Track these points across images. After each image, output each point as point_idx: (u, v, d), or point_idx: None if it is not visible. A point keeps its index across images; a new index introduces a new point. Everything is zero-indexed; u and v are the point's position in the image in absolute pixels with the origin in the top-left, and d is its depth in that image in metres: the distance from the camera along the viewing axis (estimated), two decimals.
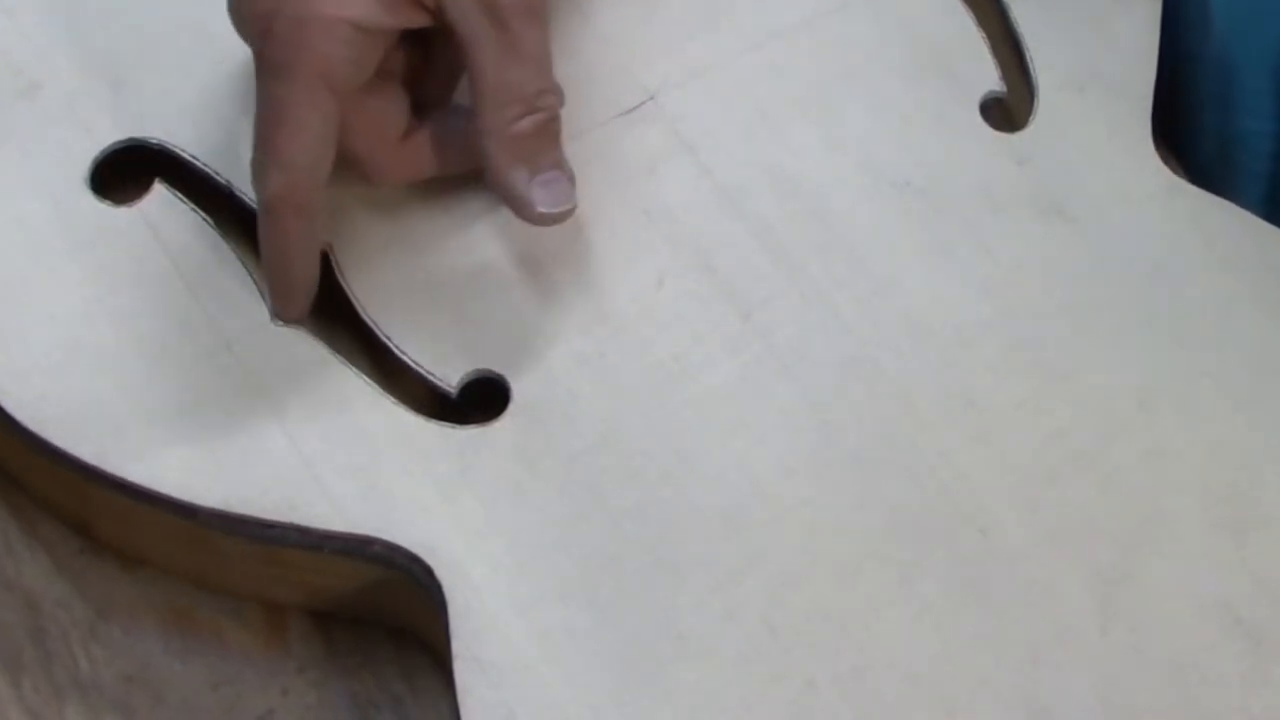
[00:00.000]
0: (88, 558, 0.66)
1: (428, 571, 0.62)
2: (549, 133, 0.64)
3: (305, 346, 0.65)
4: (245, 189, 0.67)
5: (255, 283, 0.66)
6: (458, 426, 0.64)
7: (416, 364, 0.65)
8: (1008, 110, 0.71)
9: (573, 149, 0.66)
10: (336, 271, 0.66)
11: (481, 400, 0.65)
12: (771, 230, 0.67)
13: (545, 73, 0.64)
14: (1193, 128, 0.77)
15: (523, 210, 0.64)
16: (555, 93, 0.64)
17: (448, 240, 0.67)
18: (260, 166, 0.63)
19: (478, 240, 0.67)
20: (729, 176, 0.68)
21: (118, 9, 0.70)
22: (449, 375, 0.65)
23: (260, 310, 0.65)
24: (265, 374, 0.64)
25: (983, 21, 0.71)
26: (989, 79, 0.70)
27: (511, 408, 0.64)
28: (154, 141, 0.68)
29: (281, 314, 0.65)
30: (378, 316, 0.66)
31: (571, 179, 0.65)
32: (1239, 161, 0.77)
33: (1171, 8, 0.72)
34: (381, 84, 0.64)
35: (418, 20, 0.63)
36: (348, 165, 0.64)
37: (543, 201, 0.64)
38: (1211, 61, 0.76)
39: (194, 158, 0.68)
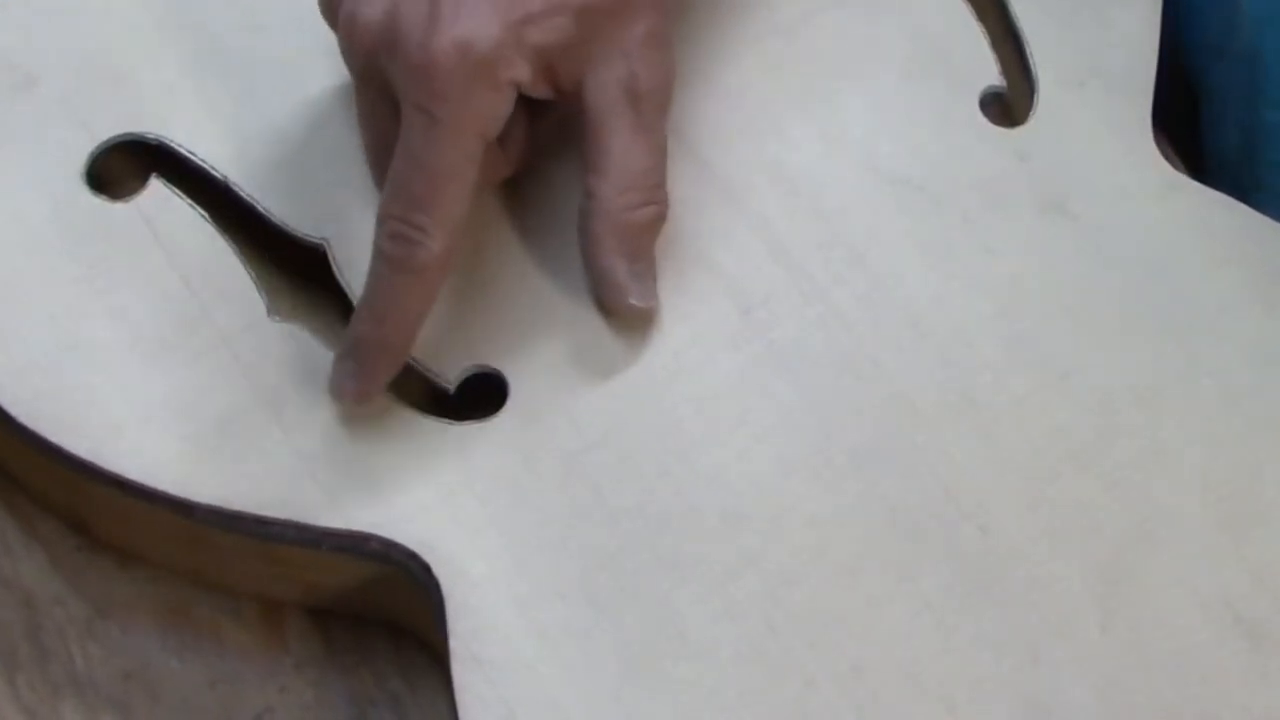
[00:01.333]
0: (85, 555, 0.66)
1: (425, 569, 0.61)
2: (655, 229, 0.65)
3: (302, 342, 0.65)
4: (242, 185, 0.67)
5: (253, 279, 0.66)
6: (456, 423, 0.64)
7: (414, 360, 0.65)
8: (1007, 106, 0.70)
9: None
10: (334, 268, 0.66)
11: (480, 396, 0.65)
12: (771, 227, 0.67)
13: (663, 168, 0.65)
14: (1217, 121, 0.76)
15: (616, 296, 0.64)
16: (665, 191, 0.65)
17: None
18: (414, 226, 0.62)
19: (475, 235, 0.66)
20: (729, 173, 0.68)
21: (114, 4, 0.69)
22: (447, 371, 0.65)
23: (257, 306, 0.65)
24: (262, 371, 0.64)
25: (982, 16, 0.71)
26: (989, 74, 0.70)
27: (510, 404, 0.64)
28: (151, 137, 0.68)
29: (369, 392, 0.63)
30: None
31: (655, 278, 0.65)
32: (1261, 153, 0.76)
33: (1191, 2, 0.72)
34: None
35: (542, 93, 0.64)
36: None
37: (636, 294, 0.64)
38: (1239, 55, 0.76)
39: (191, 153, 0.67)
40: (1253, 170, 0.74)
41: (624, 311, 0.65)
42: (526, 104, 0.64)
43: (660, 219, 0.65)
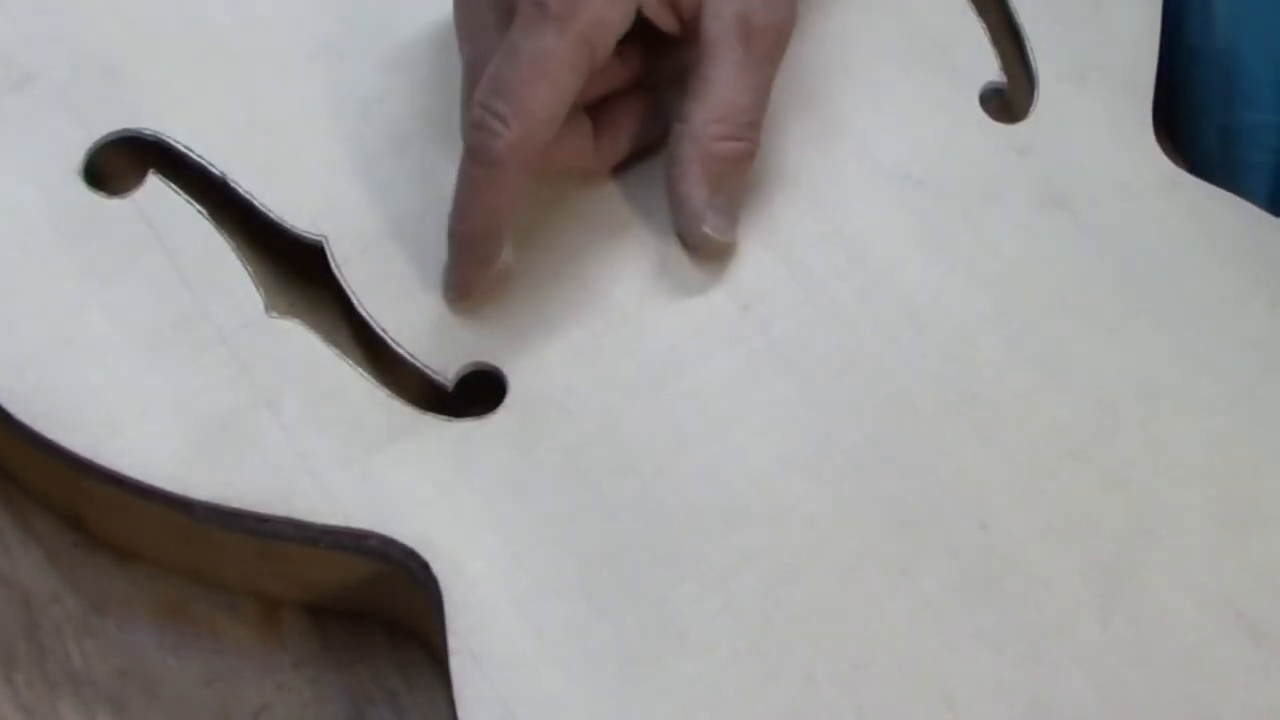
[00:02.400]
0: (81, 552, 0.66)
1: (424, 566, 0.61)
2: (741, 167, 0.65)
3: (300, 339, 0.65)
4: (240, 181, 0.67)
5: (250, 276, 0.66)
6: (454, 420, 0.64)
7: (412, 357, 0.65)
8: (1008, 101, 0.70)
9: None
10: (332, 263, 0.66)
11: (478, 393, 0.64)
12: (770, 222, 0.67)
13: (762, 111, 0.65)
14: (1194, 122, 0.76)
15: (691, 223, 0.65)
16: (759, 133, 0.65)
17: (444, 232, 0.66)
18: (494, 114, 0.62)
19: None
20: None
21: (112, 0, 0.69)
22: (445, 368, 0.65)
23: (256, 303, 0.65)
24: (260, 367, 0.64)
25: (982, 11, 0.71)
26: (989, 69, 0.70)
27: (508, 401, 0.64)
28: (149, 133, 0.68)
29: (465, 285, 0.64)
30: (373, 309, 0.65)
31: (737, 216, 0.65)
32: (1240, 155, 0.76)
33: (1173, 2, 0.72)
34: None
35: (666, 22, 0.65)
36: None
37: (712, 224, 0.65)
38: (1215, 55, 0.76)
39: (189, 149, 0.67)
40: (1230, 175, 0.74)
41: (698, 240, 0.65)
42: (630, 109, 0.65)
43: (748, 157, 0.65)
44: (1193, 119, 0.76)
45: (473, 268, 0.64)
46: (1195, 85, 0.76)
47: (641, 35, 0.65)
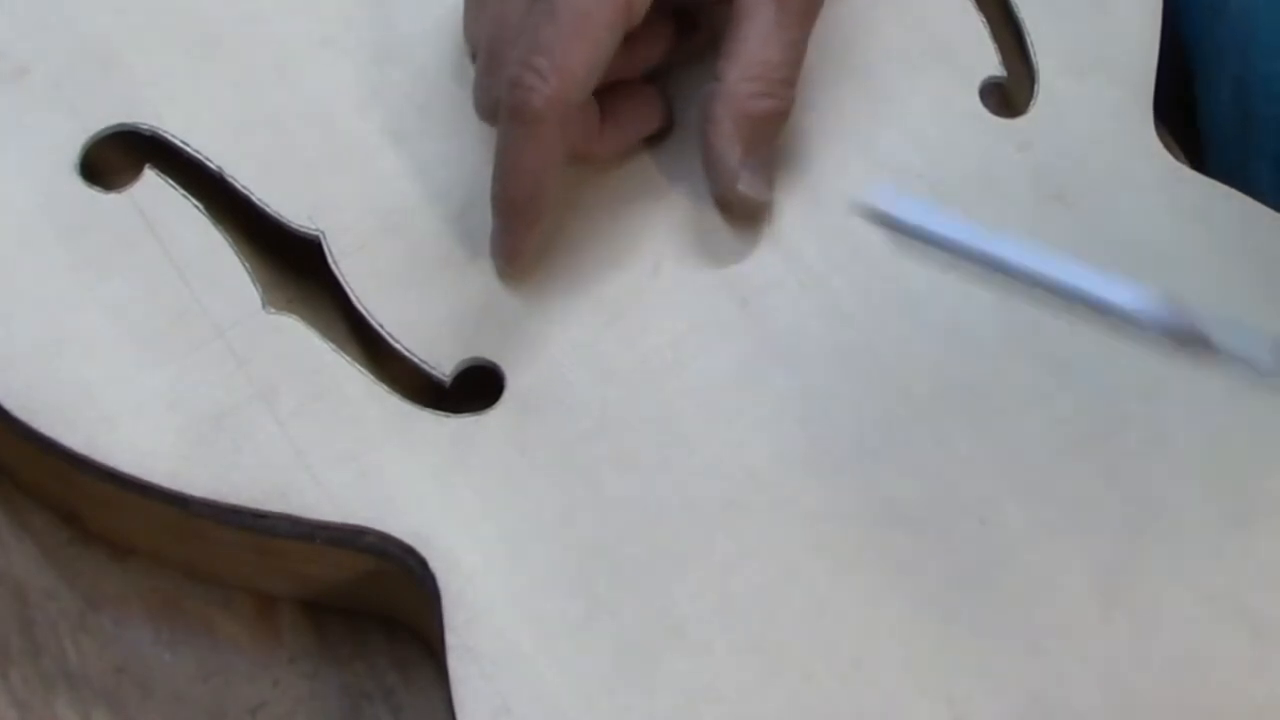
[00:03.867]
0: (77, 548, 0.66)
1: (421, 562, 0.61)
2: (774, 125, 0.65)
3: (297, 334, 0.65)
4: (237, 176, 0.66)
5: (247, 271, 0.65)
6: (451, 415, 0.64)
7: (410, 352, 0.64)
8: (1008, 96, 0.70)
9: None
10: (329, 258, 0.66)
11: (475, 389, 0.64)
12: (769, 215, 0.66)
13: (796, 69, 0.65)
14: (1210, 79, 0.76)
15: (726, 182, 0.65)
16: (793, 91, 0.65)
17: (441, 227, 0.66)
18: (533, 69, 0.61)
19: (472, 227, 0.66)
20: None
21: None
22: (442, 363, 0.64)
23: (252, 298, 0.65)
24: (257, 363, 0.64)
25: (982, 6, 0.71)
26: (989, 64, 0.70)
27: (505, 396, 0.64)
28: (145, 127, 0.67)
29: (514, 251, 0.64)
30: (370, 304, 0.65)
31: (770, 176, 0.65)
32: (1253, 107, 0.76)
33: None
34: None
35: None
36: None
37: (747, 183, 0.65)
38: (1236, 11, 0.76)
39: (185, 144, 0.67)
40: (1242, 131, 0.74)
41: (733, 200, 0.65)
42: (635, 98, 0.66)
43: (781, 115, 0.65)
44: (1209, 76, 0.76)
45: (520, 232, 0.64)
46: (1215, 40, 0.76)
47: (653, 22, 0.65)
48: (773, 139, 0.66)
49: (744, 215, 0.66)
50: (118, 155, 0.68)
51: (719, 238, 0.66)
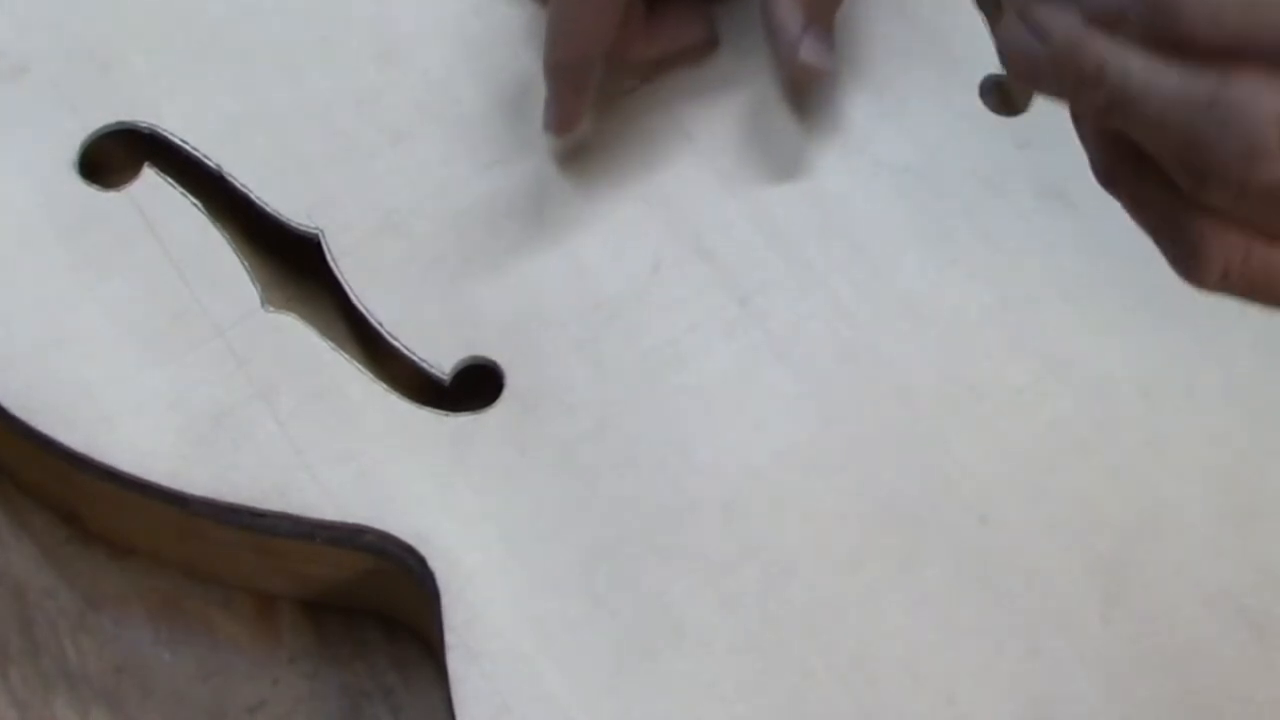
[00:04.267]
0: (76, 547, 0.66)
1: (421, 561, 0.61)
2: None
3: (296, 333, 0.65)
4: (236, 174, 0.66)
5: (246, 269, 0.65)
6: (451, 414, 0.64)
7: (409, 351, 0.64)
8: (1007, 94, 0.70)
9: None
10: (329, 257, 0.65)
11: (475, 387, 0.64)
12: (769, 215, 0.66)
13: None
14: None
15: (787, 52, 0.65)
16: None
17: (441, 226, 0.66)
18: None
19: (471, 225, 0.66)
20: (726, 161, 0.67)
21: None
22: (442, 362, 0.64)
23: (251, 297, 0.65)
24: (256, 361, 0.64)
25: (982, 3, 0.71)
26: (988, 61, 0.70)
27: (505, 395, 0.64)
28: (144, 126, 0.67)
29: (567, 116, 0.65)
30: (370, 302, 0.65)
31: (833, 45, 0.65)
32: None
33: None
34: None
35: None
36: None
37: (808, 51, 0.64)
38: None
39: (184, 142, 0.67)
40: None
41: (795, 71, 0.65)
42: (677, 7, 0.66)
43: None
44: None
45: (573, 97, 0.65)
46: None
47: None
48: (835, 8, 0.66)
49: (805, 87, 0.66)
50: (117, 154, 0.67)
51: (719, 236, 0.66)
